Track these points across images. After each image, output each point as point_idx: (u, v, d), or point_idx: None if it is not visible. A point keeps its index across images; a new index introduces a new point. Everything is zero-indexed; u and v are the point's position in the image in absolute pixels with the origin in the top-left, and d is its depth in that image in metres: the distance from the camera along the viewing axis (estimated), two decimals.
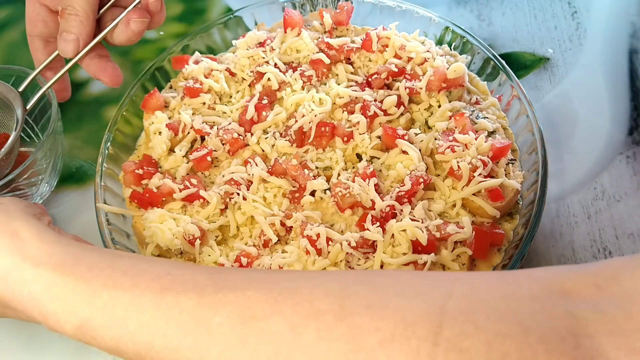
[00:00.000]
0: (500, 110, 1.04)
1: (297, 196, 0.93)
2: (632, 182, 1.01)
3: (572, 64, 1.17)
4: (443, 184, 0.92)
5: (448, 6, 1.30)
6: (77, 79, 1.30)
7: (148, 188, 0.95)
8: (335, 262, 0.83)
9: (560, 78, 1.15)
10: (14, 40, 1.39)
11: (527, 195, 0.92)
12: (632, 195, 1.00)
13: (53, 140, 1.02)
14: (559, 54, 1.19)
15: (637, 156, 1.03)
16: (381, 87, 1.03)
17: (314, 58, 1.05)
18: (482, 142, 0.91)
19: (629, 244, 0.95)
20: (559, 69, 1.17)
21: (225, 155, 1.00)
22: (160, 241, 0.89)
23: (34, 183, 1.03)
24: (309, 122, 0.97)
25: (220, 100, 1.06)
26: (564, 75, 1.16)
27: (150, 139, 1.03)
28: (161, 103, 1.05)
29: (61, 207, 1.10)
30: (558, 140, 1.07)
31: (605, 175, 1.02)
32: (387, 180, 0.93)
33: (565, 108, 1.11)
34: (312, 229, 0.85)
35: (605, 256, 0.94)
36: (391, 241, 0.84)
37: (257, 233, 0.90)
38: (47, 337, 0.96)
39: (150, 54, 1.32)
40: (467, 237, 0.84)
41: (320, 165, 0.96)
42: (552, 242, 0.96)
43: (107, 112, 1.23)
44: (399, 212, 0.87)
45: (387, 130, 0.95)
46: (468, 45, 1.09)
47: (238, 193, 0.94)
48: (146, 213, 0.92)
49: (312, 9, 1.20)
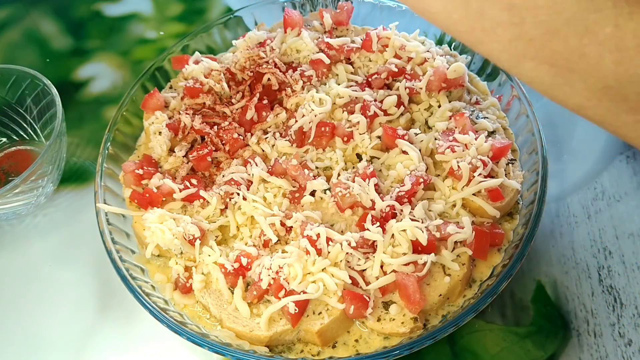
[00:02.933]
0: (500, 110, 1.04)
1: (297, 196, 0.94)
2: (632, 182, 1.01)
3: None
4: (443, 184, 0.92)
5: None
6: (77, 79, 1.30)
7: (148, 188, 0.95)
8: (335, 262, 0.83)
9: None
10: (14, 40, 1.39)
11: (527, 195, 0.92)
12: (632, 195, 1.00)
13: (58, 143, 1.02)
14: None
15: (637, 156, 1.04)
16: (381, 87, 1.03)
17: (314, 58, 1.05)
18: (482, 142, 0.91)
19: (629, 244, 0.95)
20: None
21: (225, 156, 1.01)
22: (160, 241, 0.89)
23: (39, 185, 1.03)
24: (309, 122, 0.97)
25: (221, 100, 1.06)
26: None
27: (150, 139, 1.03)
28: (161, 103, 1.05)
29: (61, 207, 1.11)
30: (558, 140, 1.07)
31: (605, 175, 1.02)
32: (387, 180, 0.93)
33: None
34: (312, 229, 0.85)
35: (605, 256, 0.94)
36: (391, 241, 0.84)
37: (257, 233, 0.91)
38: (47, 337, 0.96)
39: (150, 54, 1.32)
40: (467, 237, 0.84)
41: (320, 165, 0.96)
42: (552, 242, 0.96)
43: (107, 112, 1.23)
44: (399, 212, 0.87)
45: (387, 130, 0.95)
46: None
47: (238, 193, 0.94)
48: (146, 213, 0.92)
49: (312, 9, 1.20)
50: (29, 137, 1.17)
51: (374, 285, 0.82)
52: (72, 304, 0.99)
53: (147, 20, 1.39)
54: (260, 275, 0.84)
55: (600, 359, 0.85)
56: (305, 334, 0.84)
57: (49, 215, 1.10)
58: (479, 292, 0.86)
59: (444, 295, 0.84)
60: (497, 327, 0.89)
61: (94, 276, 1.01)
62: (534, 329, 0.88)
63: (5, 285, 1.02)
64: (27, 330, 0.97)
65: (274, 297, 0.83)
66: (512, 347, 0.87)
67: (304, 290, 0.81)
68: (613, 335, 0.87)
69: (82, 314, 0.97)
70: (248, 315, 0.84)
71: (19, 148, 1.16)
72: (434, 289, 0.84)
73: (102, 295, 0.99)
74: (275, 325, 0.83)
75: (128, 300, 0.87)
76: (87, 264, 1.02)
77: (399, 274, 0.82)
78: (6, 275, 1.03)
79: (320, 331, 0.82)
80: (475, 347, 0.88)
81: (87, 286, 1.00)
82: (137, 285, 0.87)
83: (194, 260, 0.91)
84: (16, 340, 0.96)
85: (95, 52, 1.34)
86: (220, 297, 0.87)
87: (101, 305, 0.98)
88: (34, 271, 1.03)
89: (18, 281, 1.02)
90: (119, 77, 1.29)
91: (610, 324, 0.88)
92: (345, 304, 0.81)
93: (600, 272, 0.92)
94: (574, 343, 0.87)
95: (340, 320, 0.83)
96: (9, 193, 0.98)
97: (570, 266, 0.93)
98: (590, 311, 0.89)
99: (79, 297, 0.99)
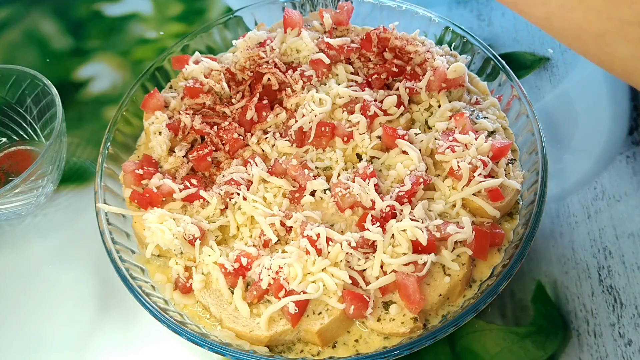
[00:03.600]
0: (500, 110, 1.04)
1: (297, 196, 0.93)
2: (632, 182, 1.01)
3: (572, 64, 1.17)
4: (443, 184, 0.92)
5: (448, 6, 1.30)
6: (77, 79, 1.30)
7: (148, 188, 0.95)
8: (335, 262, 0.83)
9: (560, 78, 1.16)
10: (14, 40, 1.39)
11: (527, 195, 0.92)
12: (632, 195, 1.00)
13: (58, 143, 1.02)
14: (559, 53, 1.19)
15: (637, 156, 1.04)
16: (381, 87, 1.03)
17: (314, 58, 1.05)
18: (482, 142, 0.91)
19: (629, 244, 0.95)
20: (559, 69, 1.17)
21: (225, 155, 1.01)
22: (160, 241, 0.89)
23: (39, 185, 1.03)
24: (309, 122, 0.97)
25: (221, 100, 1.06)
26: (564, 75, 1.16)
27: (150, 139, 1.03)
28: (161, 103, 1.05)
29: (61, 207, 1.11)
30: (558, 140, 1.07)
31: (605, 175, 1.02)
32: (387, 180, 0.93)
33: (565, 108, 1.11)
34: (312, 229, 0.85)
35: (605, 256, 0.94)
36: (391, 241, 0.84)
37: (257, 233, 0.91)
38: (47, 337, 0.96)
39: (150, 54, 1.32)
40: (467, 237, 0.84)
41: (320, 165, 0.96)
42: (552, 242, 0.96)
43: (107, 112, 1.23)
44: (399, 212, 0.87)
45: (387, 130, 0.95)
46: (468, 45, 1.09)
47: (238, 193, 0.94)
48: (146, 213, 0.92)
49: (312, 9, 1.20)
50: (29, 137, 1.17)
51: (374, 285, 0.82)
52: (72, 304, 0.99)
53: (147, 20, 1.39)
54: (260, 275, 0.84)
55: (600, 359, 0.85)
56: (305, 334, 0.84)
57: (49, 215, 1.10)
58: (479, 292, 0.86)
59: (444, 295, 0.84)
60: (497, 327, 0.89)
61: (94, 276, 1.01)
62: (534, 329, 0.88)
63: (5, 285, 1.02)
64: (27, 330, 0.97)
65: (274, 297, 0.83)
66: (512, 347, 0.87)
67: (304, 290, 0.81)
68: (613, 335, 0.87)
69: (82, 314, 0.97)
70: (248, 315, 0.84)
71: (19, 148, 1.16)
72: (434, 289, 0.84)
73: (102, 295, 0.99)
74: (275, 325, 0.83)
75: (128, 300, 0.87)
76: (87, 264, 1.02)
77: (399, 274, 0.82)
78: (6, 275, 1.03)
79: (320, 331, 0.82)
80: (475, 347, 0.88)
81: (87, 286, 1.00)
82: (137, 285, 0.87)
83: (194, 260, 0.90)
84: (16, 340, 0.96)
85: (95, 52, 1.34)
86: (220, 297, 0.87)
87: (101, 305, 0.98)
88: (34, 271, 1.03)
89: (18, 281, 1.02)
90: (119, 77, 1.29)
91: (610, 324, 0.88)
92: (345, 304, 0.81)
93: (600, 272, 0.92)
94: (574, 343, 0.87)
95: (340, 320, 0.83)
96: (9, 193, 0.98)
97: (570, 266, 0.93)
98: (590, 311, 0.89)
99: (79, 297, 0.99)
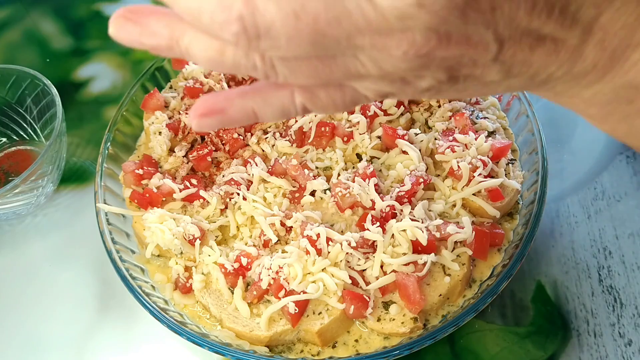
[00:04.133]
0: (500, 110, 1.04)
1: (297, 196, 0.93)
2: (632, 182, 1.01)
3: None
4: (443, 184, 0.92)
5: None
6: (77, 79, 1.30)
7: (148, 188, 0.95)
8: (335, 262, 0.83)
9: None
10: (14, 40, 1.39)
11: (527, 195, 0.92)
12: (632, 195, 1.00)
13: (58, 143, 1.02)
14: None
15: (637, 156, 1.03)
16: None
17: None
18: (482, 142, 0.91)
19: (629, 244, 0.95)
20: None
21: (225, 155, 1.00)
22: (160, 241, 0.89)
23: (39, 185, 1.03)
24: (309, 122, 0.97)
25: None
26: None
27: (150, 139, 1.03)
28: (161, 103, 1.05)
29: (61, 207, 1.11)
30: (558, 140, 1.07)
31: (605, 175, 1.02)
32: (387, 180, 0.93)
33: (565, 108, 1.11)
34: (312, 229, 0.85)
35: (605, 256, 0.94)
36: (391, 241, 0.84)
37: (257, 233, 0.91)
38: (47, 337, 0.96)
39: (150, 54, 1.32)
40: (467, 237, 0.84)
41: (320, 165, 0.96)
42: (552, 242, 0.96)
43: (107, 112, 1.23)
44: (399, 212, 0.87)
45: (387, 130, 0.95)
46: None
47: (238, 193, 0.94)
48: (146, 213, 0.92)
49: None
50: (29, 137, 1.17)
51: (374, 285, 0.82)
52: (72, 304, 0.99)
53: None
54: (260, 275, 0.84)
55: (600, 359, 0.85)
56: (305, 334, 0.84)
57: (49, 215, 1.10)
58: (479, 292, 0.86)
59: (444, 295, 0.84)
60: (497, 327, 0.89)
61: (94, 276, 1.01)
62: (534, 329, 0.88)
63: (5, 285, 1.02)
64: (27, 330, 0.97)
65: (274, 297, 0.83)
66: (512, 347, 0.87)
67: (304, 290, 0.81)
68: (613, 335, 0.87)
69: (82, 314, 0.97)
70: (248, 315, 0.84)
71: (19, 148, 1.16)
72: (434, 289, 0.84)
73: (102, 295, 0.99)
74: (275, 325, 0.83)
75: (128, 300, 0.87)
76: (87, 264, 1.02)
77: (399, 274, 0.82)
78: (6, 275, 1.03)
79: (320, 331, 0.82)
80: (475, 347, 0.88)
81: (87, 286, 1.00)
82: (137, 285, 0.87)
83: (194, 260, 0.90)
84: (16, 340, 0.96)
85: (95, 52, 1.34)
86: (220, 297, 0.87)
87: (101, 305, 0.98)
88: (34, 271, 1.03)
89: (18, 281, 1.02)
90: (119, 77, 1.29)
91: (610, 324, 0.88)
92: (345, 304, 0.81)
93: (600, 272, 0.92)
94: (574, 343, 0.87)
95: (340, 320, 0.83)
96: (9, 193, 0.98)
97: (570, 266, 0.93)
98: (590, 311, 0.89)
99: (79, 297, 0.99)
